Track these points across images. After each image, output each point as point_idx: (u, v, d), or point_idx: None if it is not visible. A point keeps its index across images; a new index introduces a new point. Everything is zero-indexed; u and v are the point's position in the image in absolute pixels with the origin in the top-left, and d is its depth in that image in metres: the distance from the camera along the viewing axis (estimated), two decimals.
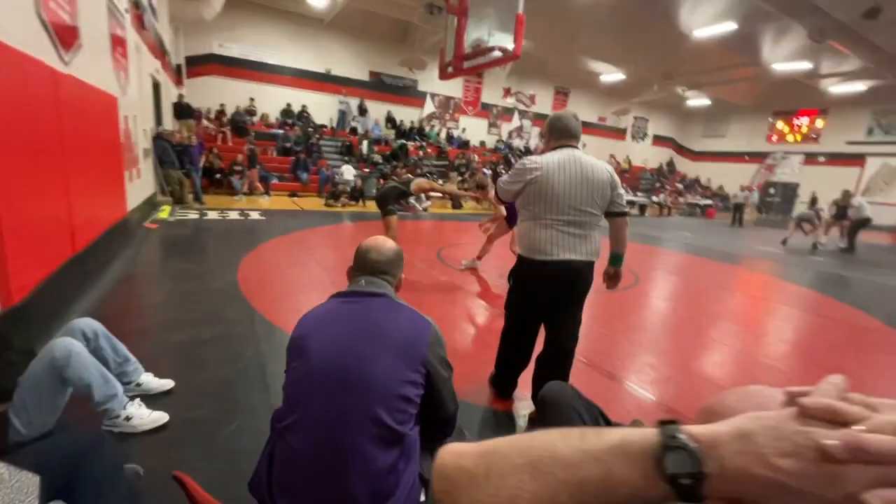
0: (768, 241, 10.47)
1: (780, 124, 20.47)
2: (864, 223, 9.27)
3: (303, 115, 13.74)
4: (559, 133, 2.00)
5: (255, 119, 13.04)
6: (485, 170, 13.93)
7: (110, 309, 3.08)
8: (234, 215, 7.56)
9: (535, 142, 19.22)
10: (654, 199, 16.26)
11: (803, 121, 19.61)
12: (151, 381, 2.09)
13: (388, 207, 4.55)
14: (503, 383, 2.28)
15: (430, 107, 16.68)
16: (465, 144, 16.93)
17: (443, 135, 16.71)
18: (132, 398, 1.88)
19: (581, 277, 1.97)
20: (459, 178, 13.36)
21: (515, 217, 5.06)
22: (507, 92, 18.45)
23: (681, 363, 3.02)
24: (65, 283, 2.99)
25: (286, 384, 1.09)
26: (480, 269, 5.12)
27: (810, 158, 19.44)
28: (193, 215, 7.22)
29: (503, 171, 15.13)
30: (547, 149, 2.04)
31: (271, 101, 13.50)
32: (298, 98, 13.90)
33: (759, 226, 15.18)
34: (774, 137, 20.65)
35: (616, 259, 2.11)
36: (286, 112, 13.55)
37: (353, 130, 14.47)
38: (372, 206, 10.72)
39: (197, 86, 12.17)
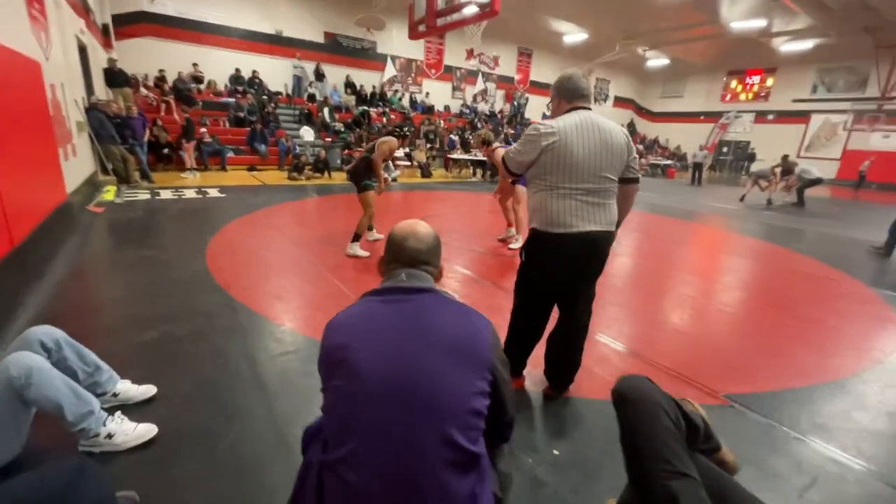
0: (726, 199, 10.94)
1: (733, 83, 21.09)
2: (815, 183, 9.81)
3: (255, 82, 12.72)
4: (570, 93, 1.85)
5: (202, 87, 11.94)
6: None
7: (63, 309, 2.73)
8: (190, 194, 6.98)
9: (500, 105, 18.90)
10: None
11: (755, 79, 20.28)
12: (130, 389, 1.86)
13: (363, 182, 4.17)
14: (514, 361, 2.19)
15: (391, 70, 15.89)
16: (429, 109, 16.38)
17: (406, 100, 16.06)
18: (111, 411, 1.66)
19: (601, 249, 1.86)
20: (428, 146, 12.96)
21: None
22: (470, 53, 17.84)
23: (646, 314, 3.25)
24: (3, 283, 2.61)
25: (328, 406, 0.92)
26: (458, 240, 4.99)
27: (760, 116, 20.28)
28: (144, 195, 6.59)
29: (469, 138, 14.83)
30: (558, 112, 1.88)
31: (218, 66, 12.36)
32: (248, 63, 12.81)
33: (715, 184, 15.83)
34: (728, 97, 21.30)
35: (616, 226, 1.97)
36: (236, 78, 12.48)
37: (311, 97, 13.60)
38: (338, 178, 10.29)
39: (129, 49, 10.90)
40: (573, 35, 16.89)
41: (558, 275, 1.90)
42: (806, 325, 3.17)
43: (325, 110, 12.80)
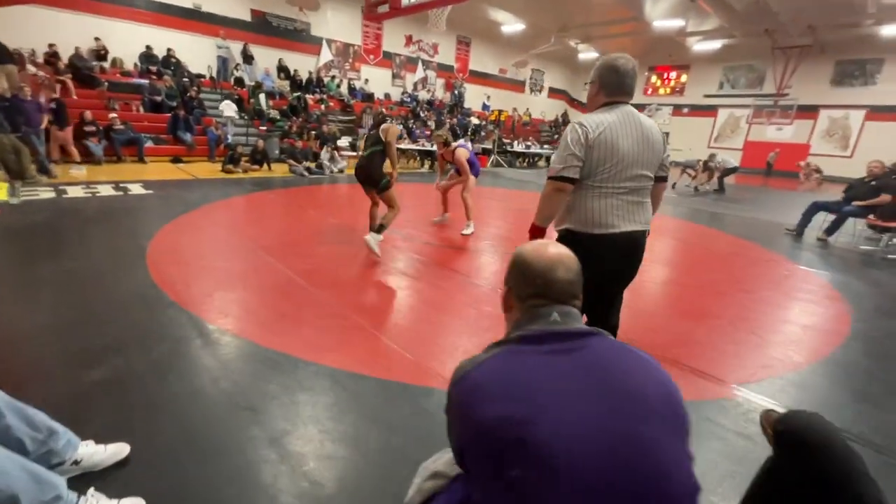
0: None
1: (654, 78, 22.72)
2: (733, 171, 11.02)
3: (171, 62, 11.29)
4: (613, 88, 1.68)
5: (106, 65, 10.36)
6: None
7: None
8: (106, 190, 6.01)
9: (440, 94, 18.68)
10: None
11: (672, 75, 22.00)
12: (96, 453, 1.46)
13: (384, 181, 3.91)
14: None
15: (326, 55, 14.97)
16: (369, 97, 15.73)
17: (344, 87, 15.26)
18: (78, 487, 1.28)
19: (640, 249, 1.79)
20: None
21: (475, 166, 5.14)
22: (409, 40, 17.37)
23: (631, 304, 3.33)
24: None
25: (493, 497, 0.70)
26: (418, 234, 4.79)
27: (677, 109, 22.10)
28: (47, 193, 5.55)
29: (414, 127, 14.49)
30: (594, 104, 1.74)
31: (124, 42, 10.77)
32: (162, 39, 11.32)
33: None
34: (650, 90, 22.92)
35: None
36: (147, 57, 10.97)
37: (239, 81, 12.40)
38: (279, 170, 9.49)
39: (8, 19, 9.11)
40: (511, 25, 17.07)
41: (597, 276, 1.71)
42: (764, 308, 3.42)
43: (261, 96, 11.74)
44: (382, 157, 3.91)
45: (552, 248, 0.87)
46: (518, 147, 15.87)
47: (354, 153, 11.55)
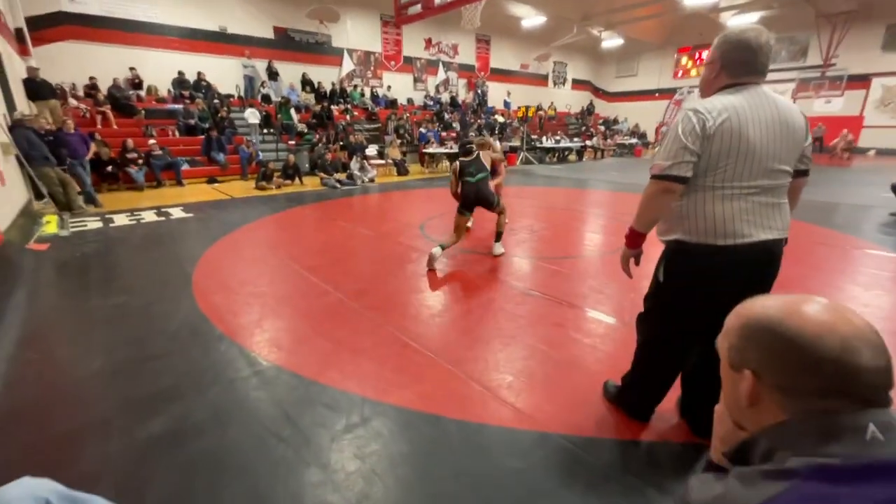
0: None
1: (684, 60, 21.66)
2: None
3: (202, 85, 11.54)
4: (739, 66, 1.35)
5: (143, 93, 10.68)
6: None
7: (19, 405, 2.04)
8: (150, 216, 6.07)
9: (462, 94, 18.42)
10: (589, 143, 16.53)
11: (705, 55, 20.89)
12: None
13: (496, 199, 4.03)
14: (641, 405, 1.80)
15: (348, 65, 15.00)
16: (392, 103, 15.65)
17: (367, 95, 15.25)
18: None
19: (776, 261, 1.46)
20: (399, 142, 12.31)
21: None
22: (429, 43, 17.22)
23: (621, 282, 3.40)
24: None
25: None
26: (486, 248, 4.53)
27: None
28: (94, 223, 5.65)
29: (440, 130, 14.30)
30: (713, 85, 1.41)
31: (158, 69, 11.09)
32: (192, 64, 11.59)
33: None
34: (680, 73, 21.87)
35: None
36: (180, 82, 11.26)
37: (266, 98, 12.55)
38: (311, 184, 9.48)
39: (51, 55, 9.53)
40: (531, 19, 16.61)
41: (721, 299, 1.43)
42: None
43: (291, 111, 11.82)
44: (486, 174, 4.05)
45: (840, 314, 0.53)
46: (547, 142, 15.41)
47: (383, 161, 11.47)
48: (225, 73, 12.17)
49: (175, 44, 11.41)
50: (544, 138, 15.78)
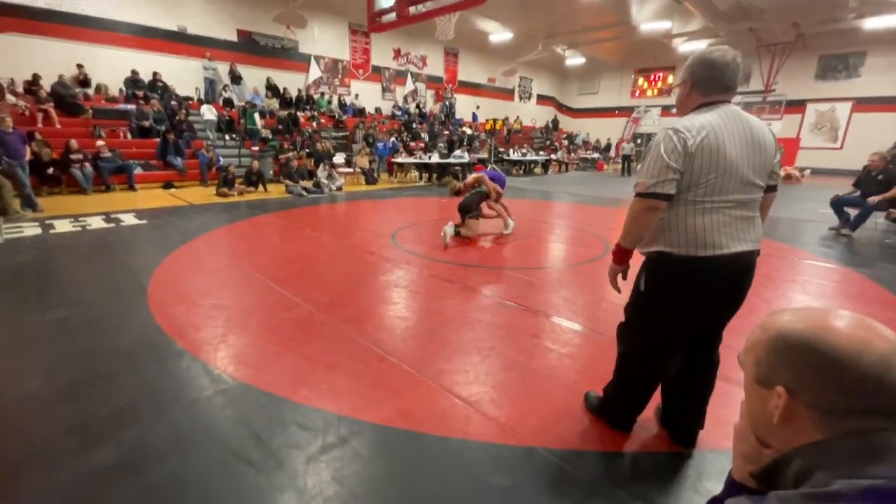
0: None
1: (640, 80, 22.88)
2: None
3: (158, 85, 10.98)
4: (710, 84, 1.43)
5: (91, 92, 10.01)
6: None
7: None
8: (97, 222, 5.65)
9: (431, 105, 18.54)
10: (553, 157, 17.02)
11: (659, 76, 22.17)
12: None
13: (472, 213, 5.15)
14: (623, 416, 1.81)
15: (315, 71, 14.78)
16: (360, 112, 15.52)
17: (335, 102, 15.05)
18: None
19: (751, 272, 1.52)
20: (367, 150, 12.18)
21: None
22: (398, 53, 17.28)
23: (593, 292, 3.50)
24: None
25: None
26: (454, 258, 4.51)
27: (665, 110, 22.20)
28: (32, 230, 5.18)
29: (408, 140, 14.29)
30: (687, 105, 1.50)
31: (109, 67, 10.46)
32: (147, 63, 11.02)
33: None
34: (637, 93, 23.07)
35: None
36: (133, 81, 10.66)
37: (228, 102, 12.12)
38: (275, 191, 9.15)
39: None
40: (498, 34, 17.04)
41: (700, 304, 1.52)
42: None
43: (255, 115, 11.44)
44: (479, 198, 5.29)
45: (873, 329, 0.51)
46: (514, 155, 15.73)
47: (351, 170, 11.30)
48: (183, 75, 11.66)
49: (129, 41, 10.82)
50: (511, 151, 16.10)
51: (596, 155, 19.62)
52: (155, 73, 11.01)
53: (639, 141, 23.53)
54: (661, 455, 1.70)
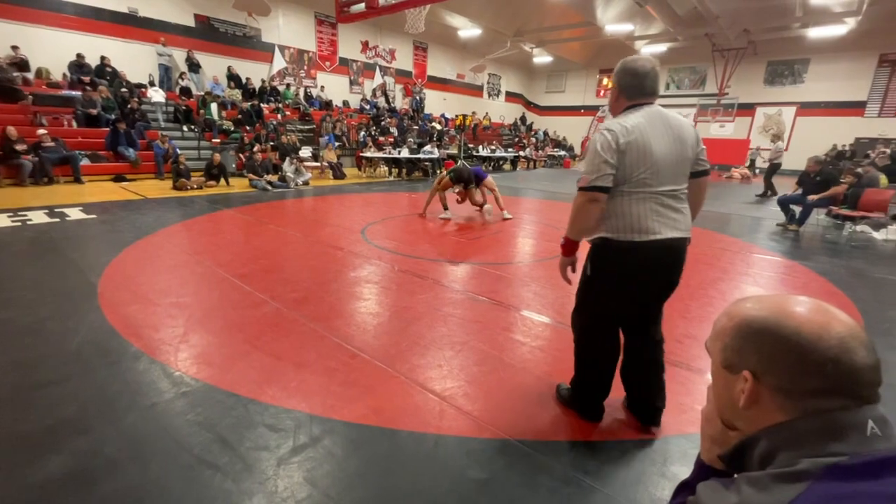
0: None
1: (605, 80, 23.51)
2: None
3: (105, 70, 10.27)
4: (633, 91, 1.60)
5: (31, 76, 9.25)
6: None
7: None
8: (39, 216, 5.24)
9: (400, 100, 18.35)
10: (522, 154, 17.25)
11: None
12: None
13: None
14: (590, 404, 1.87)
15: (280, 62, 14.27)
16: (327, 105, 15.15)
17: (301, 94, 14.61)
18: None
19: (681, 257, 1.66)
20: (337, 144, 11.91)
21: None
22: (366, 46, 16.95)
23: (562, 286, 3.44)
24: None
25: None
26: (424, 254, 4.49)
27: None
28: None
29: (376, 134, 14.10)
30: (616, 108, 1.66)
31: (50, 50, 9.67)
32: (94, 47, 10.28)
33: None
34: (602, 92, 23.69)
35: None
36: (79, 66, 9.91)
37: (185, 91, 11.52)
38: (238, 185, 8.80)
39: None
40: (467, 30, 17.06)
41: (638, 286, 1.66)
42: None
43: (213, 106, 10.93)
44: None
45: (831, 313, 0.54)
46: (483, 151, 15.82)
47: (318, 164, 11.02)
48: (135, 60, 10.96)
49: (72, 23, 10.05)
50: (481, 147, 16.19)
51: (563, 153, 20.04)
52: (103, 58, 10.29)
53: None
54: (629, 442, 1.76)
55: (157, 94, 10.37)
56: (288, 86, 14.33)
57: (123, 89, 10.09)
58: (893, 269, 4.49)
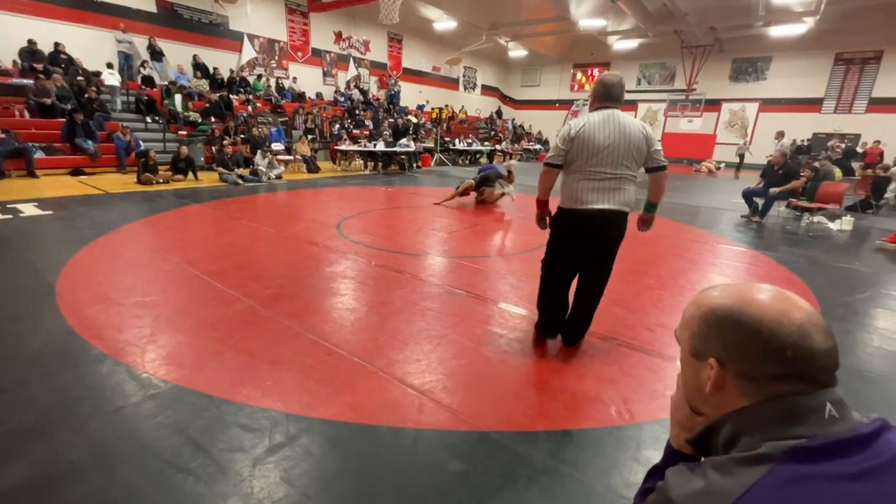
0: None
1: (579, 75, 23.83)
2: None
3: (60, 57, 9.69)
4: (600, 97, 2.14)
5: None
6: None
7: None
8: None
9: (374, 92, 18.08)
10: (498, 147, 17.31)
11: (596, 72, 23.21)
12: None
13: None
14: (545, 323, 2.49)
15: (249, 51, 13.80)
16: (300, 96, 14.79)
17: (273, 85, 14.18)
18: None
19: (614, 224, 2.17)
20: (309, 137, 11.65)
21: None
22: (339, 37, 16.59)
23: (538, 278, 3.64)
24: None
25: None
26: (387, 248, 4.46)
27: None
28: None
29: (351, 126, 13.87)
30: (591, 109, 2.18)
31: None
32: (46, 32, 9.67)
33: None
34: (576, 87, 24.02)
35: (651, 206, 2.34)
36: (30, 52, 9.32)
37: (148, 80, 11.01)
38: (207, 179, 8.48)
39: None
40: (442, 22, 16.93)
41: (576, 242, 2.25)
42: None
43: (178, 98, 10.48)
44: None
45: (791, 300, 0.56)
46: (460, 145, 15.80)
47: (291, 157, 10.76)
48: (93, 47, 10.39)
49: (22, 6, 9.43)
50: (457, 141, 16.16)
51: (538, 146, 20.23)
52: (57, 45, 9.70)
53: None
54: (603, 430, 1.80)
55: (111, 78, 9.85)
56: (260, 77, 13.90)
57: (80, 78, 9.55)
58: (847, 258, 4.75)
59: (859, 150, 14.64)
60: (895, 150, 14.43)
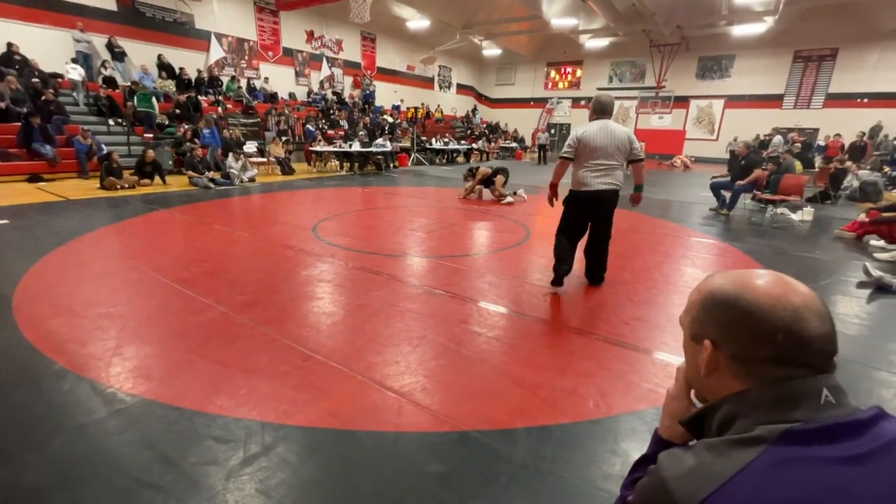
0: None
1: (552, 73, 24.13)
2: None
3: (14, 59, 9.20)
4: (598, 111, 3.12)
5: None
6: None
7: None
8: None
9: (349, 91, 17.85)
10: (475, 146, 17.37)
11: (569, 70, 23.56)
12: None
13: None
14: (560, 265, 3.22)
15: (217, 51, 13.41)
16: (272, 97, 14.47)
17: (244, 87, 13.83)
18: None
19: (610, 199, 3.19)
20: (283, 139, 11.42)
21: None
22: (311, 36, 16.30)
23: (516, 276, 3.74)
24: None
25: None
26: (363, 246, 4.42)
27: (576, 102, 23.72)
28: None
29: (325, 126, 13.67)
30: (590, 120, 3.15)
31: None
32: None
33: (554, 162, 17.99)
34: (550, 85, 24.32)
35: (638, 188, 3.28)
36: None
37: (110, 81, 10.57)
38: (177, 183, 8.20)
39: None
40: (416, 21, 16.84)
41: (583, 211, 3.24)
42: None
43: (153, 99, 10.08)
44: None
45: (790, 285, 0.56)
46: (436, 144, 15.77)
47: (265, 159, 10.53)
48: (49, 48, 9.90)
49: None
50: (433, 140, 16.13)
51: (514, 144, 20.39)
52: (10, 45, 9.19)
53: (553, 131, 24.95)
54: (581, 424, 1.82)
55: (74, 73, 9.44)
56: (233, 77, 13.53)
57: (35, 79, 9.09)
58: (809, 247, 4.96)
59: (821, 143, 15.33)
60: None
